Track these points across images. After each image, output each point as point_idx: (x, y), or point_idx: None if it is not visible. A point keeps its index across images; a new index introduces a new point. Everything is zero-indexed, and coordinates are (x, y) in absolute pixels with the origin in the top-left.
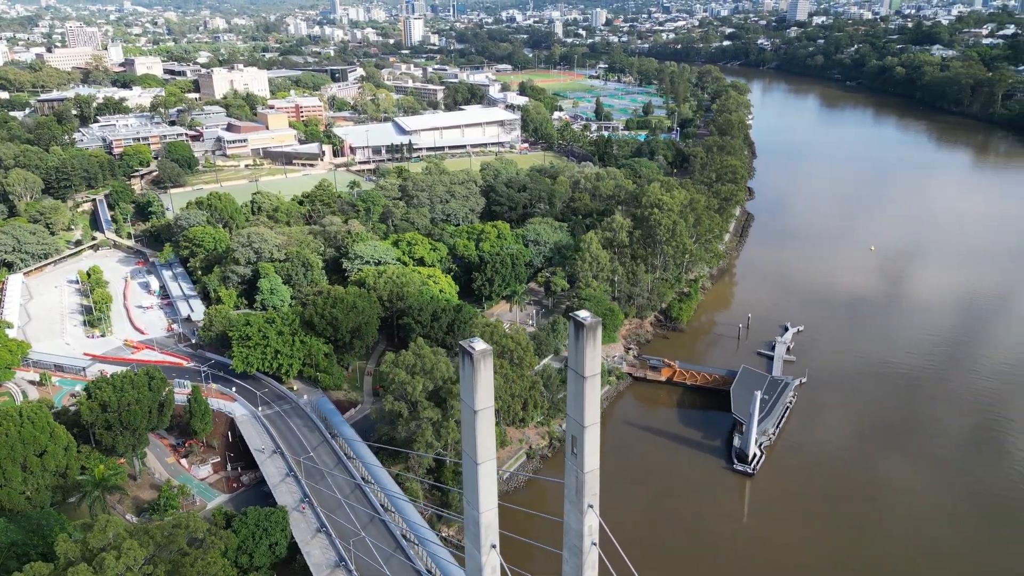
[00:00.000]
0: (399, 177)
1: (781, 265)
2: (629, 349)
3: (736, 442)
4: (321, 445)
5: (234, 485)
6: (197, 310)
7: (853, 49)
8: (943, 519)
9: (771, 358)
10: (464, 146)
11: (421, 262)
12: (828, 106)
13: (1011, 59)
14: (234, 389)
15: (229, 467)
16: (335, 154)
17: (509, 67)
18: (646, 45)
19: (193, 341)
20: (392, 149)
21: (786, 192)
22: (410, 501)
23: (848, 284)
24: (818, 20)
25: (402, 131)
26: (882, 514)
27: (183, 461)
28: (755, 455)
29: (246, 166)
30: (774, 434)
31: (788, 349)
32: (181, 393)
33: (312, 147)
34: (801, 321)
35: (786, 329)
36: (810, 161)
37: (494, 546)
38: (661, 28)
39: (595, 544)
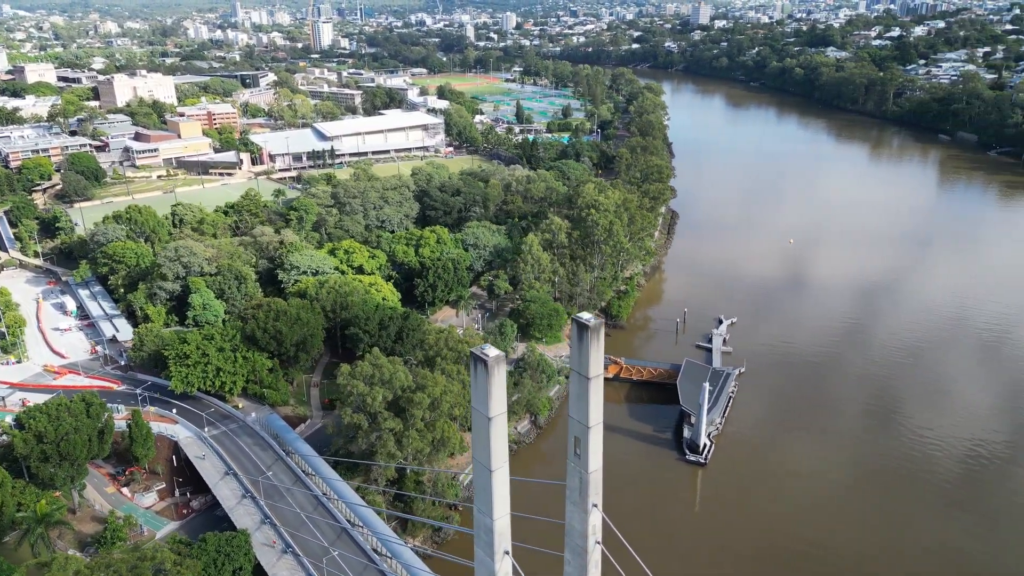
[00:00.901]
0: (329, 184)
1: (709, 260)
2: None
3: (686, 433)
4: (276, 463)
5: (184, 511)
6: (123, 330)
7: (754, 51)
8: (862, 494)
9: (710, 350)
10: (388, 151)
11: (360, 270)
12: (735, 106)
13: (899, 59)
14: (175, 411)
15: (177, 493)
16: (253, 162)
17: (424, 71)
18: (558, 48)
19: (122, 363)
20: (313, 156)
21: (706, 189)
22: (377, 513)
23: (772, 275)
24: (719, 24)
25: (323, 137)
26: (821, 493)
27: (124, 490)
28: (705, 445)
29: (159, 177)
30: (721, 423)
31: (724, 340)
32: (118, 419)
33: (229, 155)
34: (734, 313)
35: (720, 321)
36: (724, 158)
37: (507, 552)
38: (571, 32)
39: (599, 543)
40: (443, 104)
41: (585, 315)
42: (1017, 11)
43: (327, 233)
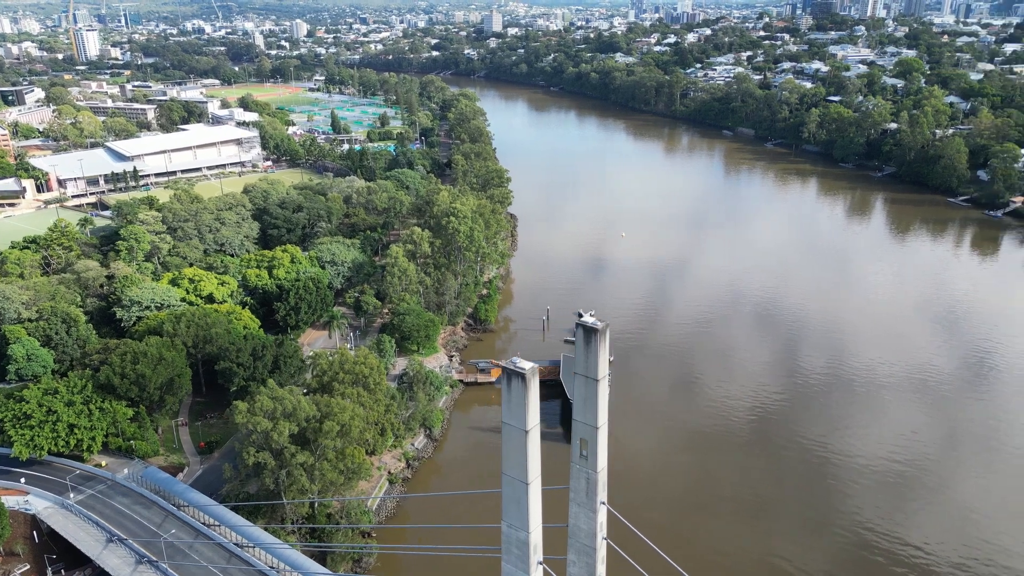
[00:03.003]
0: (152, 208)
1: (555, 258)
2: (452, 356)
3: None
4: (167, 520)
5: None
6: None
7: (551, 58)
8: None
9: None
10: (199, 168)
11: (210, 299)
12: (539, 109)
13: (679, 63)
14: (24, 480)
15: (50, 572)
16: (39, 189)
17: (217, 82)
18: (357, 56)
19: None
20: (113, 178)
21: (532, 190)
22: (300, 552)
23: (613, 266)
24: (513, 31)
25: (121, 157)
26: (654, 455)
27: None
28: None
29: None
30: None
31: None
32: None
33: (8, 183)
34: (591, 306)
35: (581, 315)
36: (540, 159)
37: (541, 563)
38: (367, 39)
39: (605, 539)
40: (252, 116)
41: (588, 319)
42: (767, 19)
43: (161, 262)
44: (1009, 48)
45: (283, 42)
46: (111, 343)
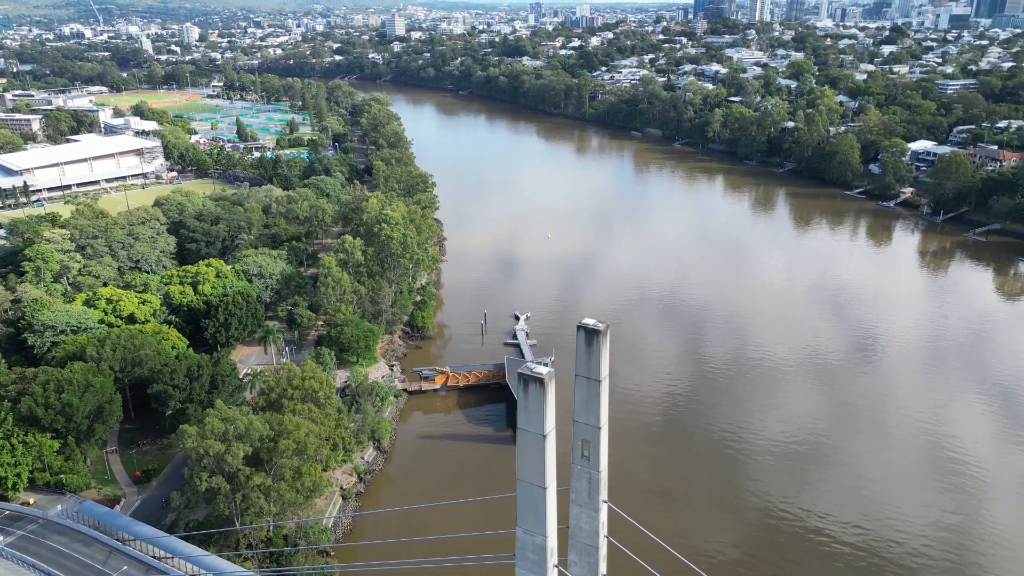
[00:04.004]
0: (55, 226)
1: (485, 261)
2: (393, 366)
3: None
4: (112, 556)
5: None
6: None
7: (458, 62)
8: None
9: (518, 345)
10: (97, 181)
11: (131, 319)
12: (449, 114)
13: (585, 66)
14: None
15: None
16: None
17: (105, 89)
18: (255, 61)
19: None
20: (1, 195)
21: (455, 193)
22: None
23: (542, 266)
24: (416, 35)
25: (8, 172)
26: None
27: None
28: None
29: None
30: None
31: (527, 334)
32: None
33: None
34: (526, 308)
35: (518, 317)
36: (457, 163)
37: (556, 566)
38: (264, 44)
39: (607, 537)
40: (151, 125)
41: (589, 320)
42: (664, 23)
43: (72, 283)
44: (886, 49)
45: (173, 46)
46: (28, 372)
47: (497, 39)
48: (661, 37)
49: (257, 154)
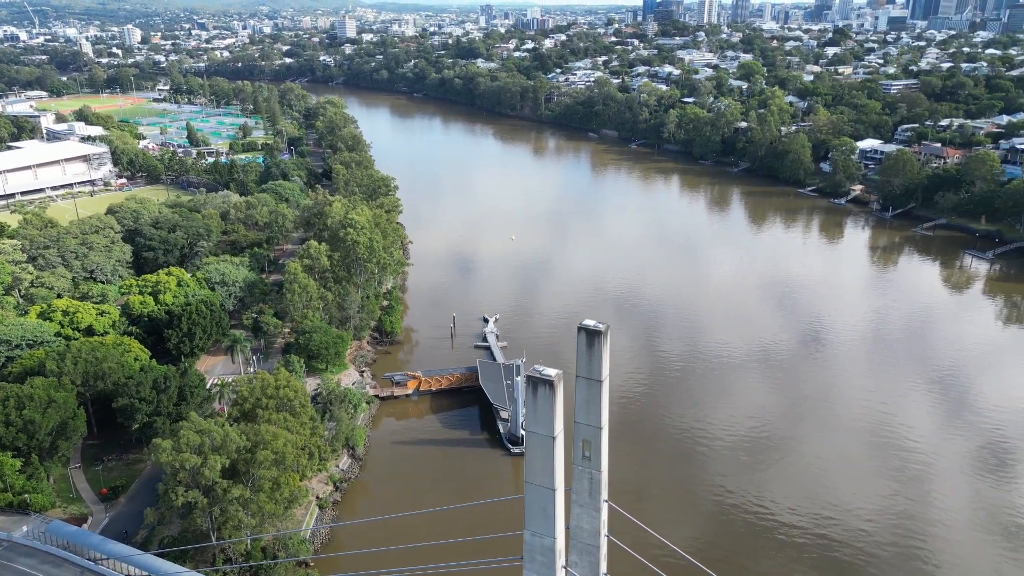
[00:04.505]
0: (2, 236)
1: (450, 265)
2: (363, 372)
3: (502, 429)
4: None
5: None
6: None
7: (412, 64)
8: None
9: (488, 348)
10: (42, 189)
11: (90, 331)
12: (404, 116)
13: (539, 68)
14: None
15: None
16: None
17: (44, 94)
18: (202, 64)
19: None
20: None
21: (414, 196)
22: None
23: (507, 268)
24: (368, 37)
25: None
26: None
27: None
28: (523, 436)
29: None
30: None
31: (497, 336)
32: None
33: None
34: (494, 310)
35: (487, 320)
36: (415, 166)
37: (565, 567)
38: (210, 46)
39: (607, 536)
40: (97, 131)
41: (589, 322)
42: (616, 25)
43: (24, 295)
44: (830, 51)
45: (115, 49)
46: None
47: (450, 41)
48: (613, 39)
49: (211, 159)
